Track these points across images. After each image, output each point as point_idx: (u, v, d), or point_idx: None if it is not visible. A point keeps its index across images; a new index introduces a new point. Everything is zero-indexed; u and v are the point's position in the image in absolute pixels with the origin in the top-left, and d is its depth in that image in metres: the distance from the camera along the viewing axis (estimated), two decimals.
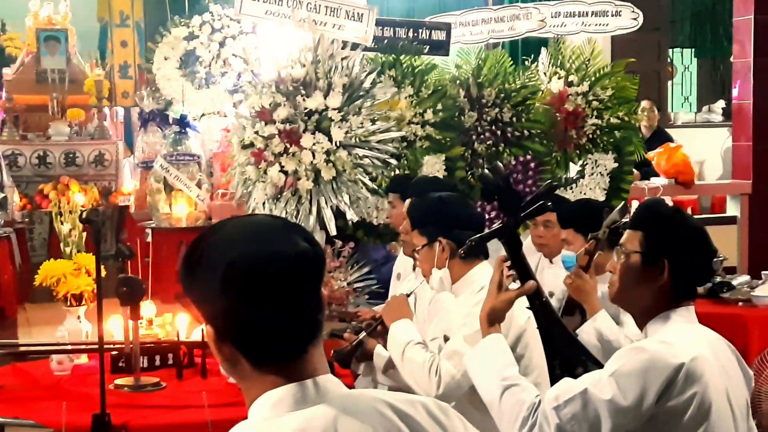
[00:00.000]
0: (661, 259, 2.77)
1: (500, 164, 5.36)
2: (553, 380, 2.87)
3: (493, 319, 2.99)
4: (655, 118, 10.17)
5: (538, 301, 3.01)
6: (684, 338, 2.69)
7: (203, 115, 8.57)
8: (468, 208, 4.01)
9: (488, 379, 2.84)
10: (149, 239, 8.57)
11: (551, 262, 5.26)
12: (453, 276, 3.78)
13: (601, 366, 2.91)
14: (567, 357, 2.94)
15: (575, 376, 2.80)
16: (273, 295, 1.78)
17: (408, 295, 3.98)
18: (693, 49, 13.57)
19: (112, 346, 3.93)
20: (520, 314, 3.50)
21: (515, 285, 3.02)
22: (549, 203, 3.20)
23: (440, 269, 3.76)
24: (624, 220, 3.98)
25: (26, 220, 9.85)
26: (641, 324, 2.83)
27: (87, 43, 11.67)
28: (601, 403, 2.58)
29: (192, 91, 8.79)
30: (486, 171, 3.35)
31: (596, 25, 7.02)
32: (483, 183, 3.97)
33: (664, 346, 2.64)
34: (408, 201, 4.61)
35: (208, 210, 8.07)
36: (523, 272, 3.01)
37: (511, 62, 6.69)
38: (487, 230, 3.55)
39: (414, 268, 4.52)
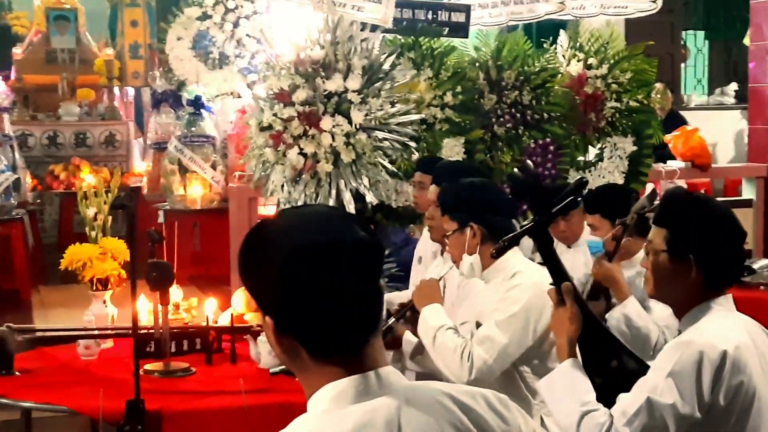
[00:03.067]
0: (686, 255, 2.77)
1: (530, 163, 5.36)
2: (589, 372, 2.87)
3: (574, 340, 2.95)
4: (669, 100, 10.13)
5: None
6: (724, 327, 2.70)
7: (217, 95, 8.52)
8: (500, 194, 4.00)
9: (568, 403, 2.82)
10: (160, 220, 8.55)
11: (569, 247, 5.24)
12: (483, 262, 3.75)
13: (634, 357, 2.92)
14: (600, 350, 2.92)
15: (610, 369, 2.82)
16: (333, 283, 1.76)
17: (438, 280, 3.96)
18: (705, 32, 13.51)
19: (143, 331, 3.91)
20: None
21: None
22: (579, 199, 3.19)
23: (471, 255, 3.74)
24: (653, 205, 3.97)
25: (37, 201, 9.84)
26: (679, 315, 2.83)
27: (97, 23, 11.61)
28: (665, 409, 2.60)
29: (205, 72, 8.75)
30: (516, 170, 3.33)
31: (615, 7, 6.96)
32: (513, 182, 3.98)
33: (708, 336, 2.65)
34: (433, 186, 4.58)
35: (223, 192, 8.04)
36: (556, 270, 3.00)
37: (530, 45, 6.64)
38: (518, 227, 3.55)
39: (442, 253, 4.50)
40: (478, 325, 3.70)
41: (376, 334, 1.83)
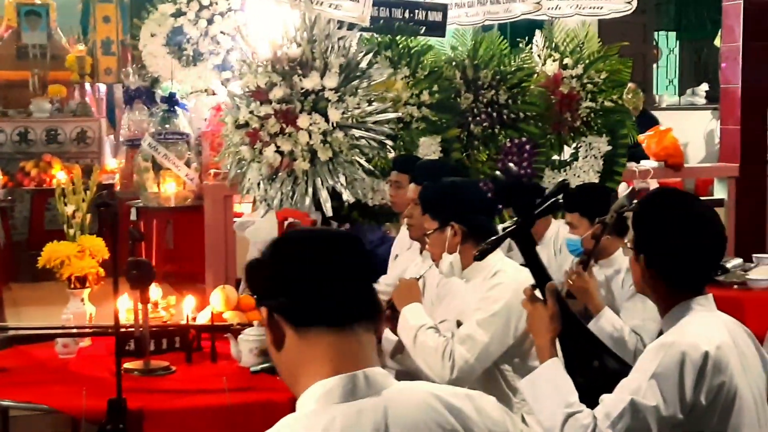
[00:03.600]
0: (640, 253, 2.83)
1: (512, 165, 5.40)
2: (571, 372, 2.88)
3: (554, 340, 2.96)
4: (640, 100, 10.18)
5: None
6: (705, 327, 2.72)
7: (192, 92, 8.48)
8: (480, 193, 4.02)
9: (551, 404, 2.82)
10: (133, 218, 8.49)
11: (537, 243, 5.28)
12: (464, 261, 3.77)
13: (615, 357, 2.94)
14: (582, 350, 2.94)
15: (592, 369, 2.84)
16: (318, 260, 1.86)
17: (417, 279, 3.98)
18: (677, 32, 13.60)
19: (124, 330, 3.88)
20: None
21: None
22: (560, 201, 3.22)
23: (451, 254, 3.76)
24: (631, 204, 4.00)
25: (8, 198, 9.76)
26: (661, 313, 2.86)
27: (68, 18, 11.52)
28: (649, 410, 2.62)
29: (179, 69, 8.70)
30: (498, 173, 3.36)
31: (590, 8, 7.00)
32: (495, 184, 4.02)
33: (690, 337, 2.67)
34: (412, 185, 4.58)
35: (197, 189, 8.01)
36: (539, 271, 3.03)
37: (506, 44, 6.67)
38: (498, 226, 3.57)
39: (421, 252, 4.51)
40: (459, 324, 3.71)
41: (367, 327, 1.87)
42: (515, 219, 3.13)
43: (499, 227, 3.83)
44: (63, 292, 4.83)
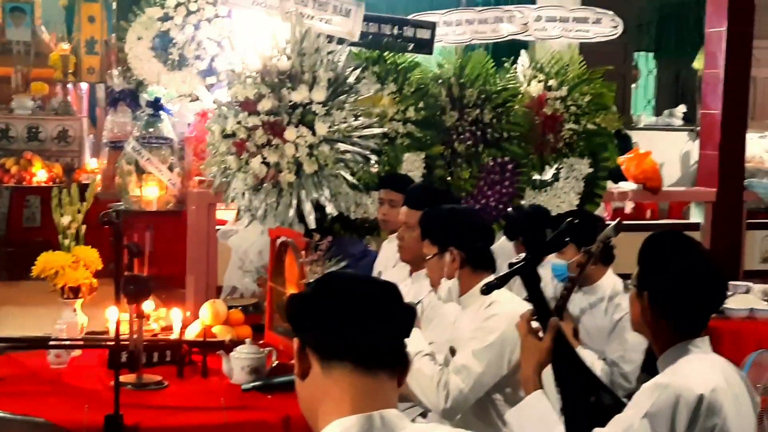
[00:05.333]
0: (644, 291, 2.87)
1: (523, 204, 5.50)
2: (568, 407, 2.94)
3: (540, 373, 3.01)
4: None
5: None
6: (701, 370, 2.76)
7: (179, 96, 8.51)
8: (480, 220, 4.07)
9: None
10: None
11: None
12: (461, 287, 3.83)
13: (610, 392, 3.00)
14: (580, 385, 2.99)
15: (588, 404, 2.89)
16: (356, 303, 1.92)
17: (416, 304, 4.01)
18: (655, 53, 13.75)
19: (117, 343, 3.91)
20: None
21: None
22: (567, 239, 3.28)
23: (449, 279, 3.81)
24: (616, 235, 4.07)
25: None
26: (657, 353, 2.91)
27: (53, 17, 11.51)
28: None
29: (164, 73, 8.72)
30: (510, 210, 3.41)
31: (577, 31, 7.09)
32: (507, 221, 4.09)
33: (685, 379, 2.71)
34: (405, 208, 4.60)
35: (178, 194, 8.03)
36: (542, 307, 3.08)
37: (492, 64, 6.73)
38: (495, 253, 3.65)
39: (411, 274, 4.57)
40: (452, 350, 3.76)
41: (391, 374, 1.93)
42: (524, 255, 3.18)
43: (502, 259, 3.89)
44: (39, 290, 4.84)
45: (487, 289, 3.24)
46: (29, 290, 6.69)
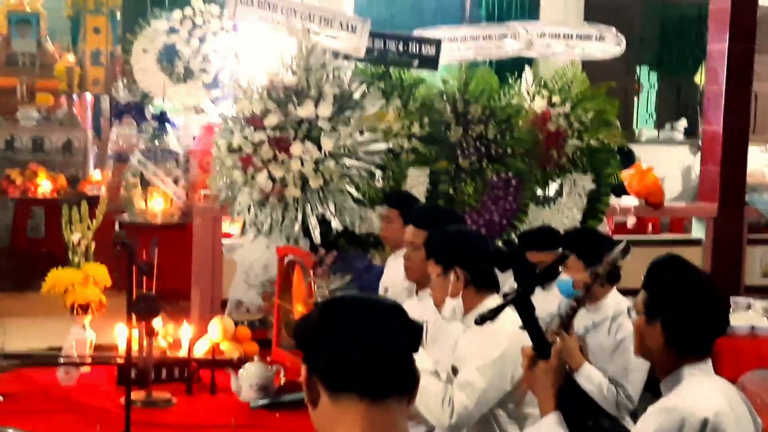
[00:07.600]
0: (657, 318, 2.90)
1: (514, 237, 5.54)
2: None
3: (556, 393, 3.02)
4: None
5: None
6: (705, 393, 2.81)
7: (185, 109, 8.57)
8: (484, 242, 4.13)
9: None
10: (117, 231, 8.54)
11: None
12: (465, 306, 3.88)
13: (608, 416, 3.04)
14: (578, 409, 3.03)
15: (587, 429, 2.92)
16: (361, 330, 1.92)
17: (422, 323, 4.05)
18: (657, 67, 13.80)
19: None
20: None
21: None
22: (559, 271, 3.32)
23: (453, 298, 3.86)
24: (624, 259, 4.10)
25: None
26: (660, 376, 2.95)
27: (59, 28, 11.56)
28: None
29: (170, 85, 8.79)
30: (501, 244, 3.45)
31: (581, 48, 7.14)
32: (498, 255, 4.15)
33: (689, 402, 2.75)
34: (411, 227, 4.65)
35: (183, 206, 8.08)
36: (538, 336, 3.11)
37: (497, 80, 6.77)
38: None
39: (417, 292, 4.61)
40: (454, 369, 3.81)
41: (400, 400, 1.97)
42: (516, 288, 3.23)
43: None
44: (45, 302, 4.86)
45: (480, 320, 3.28)
46: (34, 301, 6.70)
